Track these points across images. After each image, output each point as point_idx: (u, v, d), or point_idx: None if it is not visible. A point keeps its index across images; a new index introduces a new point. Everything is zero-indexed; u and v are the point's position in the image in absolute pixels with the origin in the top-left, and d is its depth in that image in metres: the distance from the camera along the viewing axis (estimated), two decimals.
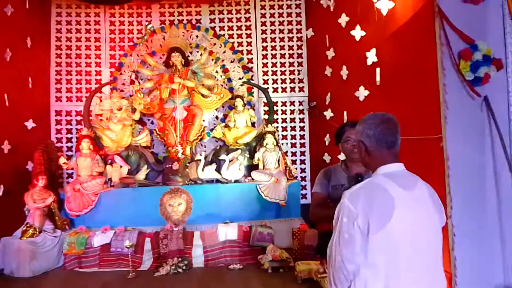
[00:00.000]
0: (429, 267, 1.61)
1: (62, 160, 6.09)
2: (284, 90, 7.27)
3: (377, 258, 1.54)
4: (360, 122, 1.80)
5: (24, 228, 5.31)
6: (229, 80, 7.18)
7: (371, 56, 4.53)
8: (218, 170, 6.25)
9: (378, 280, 1.54)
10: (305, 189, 7.10)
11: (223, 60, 7.11)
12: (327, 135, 6.22)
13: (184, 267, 5.12)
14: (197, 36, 7.15)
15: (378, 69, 4.49)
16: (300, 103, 7.25)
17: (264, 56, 7.28)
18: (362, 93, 4.88)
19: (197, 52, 7.14)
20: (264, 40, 7.29)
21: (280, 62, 7.28)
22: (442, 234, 1.71)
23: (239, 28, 7.29)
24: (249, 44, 7.29)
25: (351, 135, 2.50)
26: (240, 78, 7.20)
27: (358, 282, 1.57)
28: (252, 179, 6.22)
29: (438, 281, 1.65)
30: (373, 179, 1.69)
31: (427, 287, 1.59)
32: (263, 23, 7.29)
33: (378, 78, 4.50)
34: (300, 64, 7.28)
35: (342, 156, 5.40)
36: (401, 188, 1.61)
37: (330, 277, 1.66)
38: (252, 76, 7.21)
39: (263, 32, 7.29)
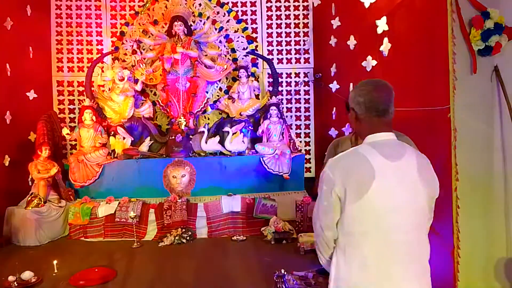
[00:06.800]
0: (410, 240, 1.55)
1: (65, 131, 6.07)
2: (289, 61, 7.13)
3: (355, 227, 1.53)
4: (353, 89, 1.74)
5: (29, 198, 5.36)
6: (233, 50, 7.04)
7: (382, 25, 4.36)
8: (221, 142, 6.21)
9: (355, 249, 1.54)
10: (309, 162, 7.07)
11: (226, 30, 6.95)
12: (334, 109, 6.12)
13: (188, 238, 5.19)
14: (200, 4, 6.97)
15: (386, 39, 4.36)
16: (306, 75, 7.12)
17: (269, 26, 7.10)
18: (369, 63, 4.75)
19: (200, 21, 6.96)
20: (269, 8, 7.09)
21: (285, 32, 7.10)
22: (431, 207, 1.64)
23: None
24: (253, 13, 7.09)
25: None
26: (244, 49, 7.06)
27: (338, 249, 1.60)
28: (256, 151, 6.19)
29: (420, 254, 1.59)
30: (357, 148, 1.63)
31: (407, 259, 1.54)
32: None
33: (383, 48, 4.35)
34: (306, 34, 7.09)
35: (346, 129, 5.38)
36: (384, 158, 1.55)
37: (315, 244, 1.72)
38: (256, 46, 7.05)
39: (268, 0, 7.09)
